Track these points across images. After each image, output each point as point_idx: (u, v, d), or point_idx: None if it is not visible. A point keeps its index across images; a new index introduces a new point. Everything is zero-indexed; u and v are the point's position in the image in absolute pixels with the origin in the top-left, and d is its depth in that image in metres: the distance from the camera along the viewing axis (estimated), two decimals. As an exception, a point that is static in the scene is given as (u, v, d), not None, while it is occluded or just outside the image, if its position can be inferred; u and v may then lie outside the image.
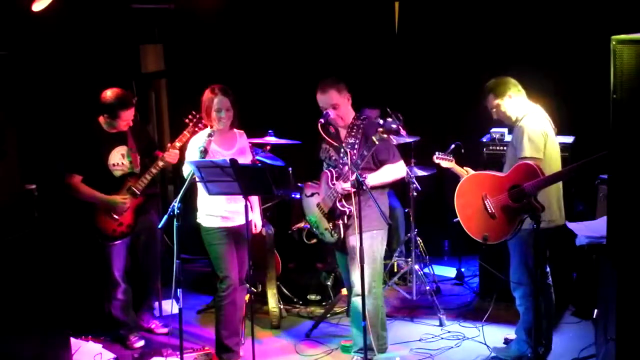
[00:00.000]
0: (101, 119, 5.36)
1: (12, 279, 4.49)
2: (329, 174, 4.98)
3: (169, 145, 5.31)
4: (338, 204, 4.91)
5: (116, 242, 5.41)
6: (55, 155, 6.00)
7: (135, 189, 5.36)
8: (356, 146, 4.90)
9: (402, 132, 5.17)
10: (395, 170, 4.98)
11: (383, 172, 4.93)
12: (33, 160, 5.74)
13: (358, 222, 4.63)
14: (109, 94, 5.26)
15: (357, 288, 4.89)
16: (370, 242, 4.89)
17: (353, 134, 4.96)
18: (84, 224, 5.41)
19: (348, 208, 4.88)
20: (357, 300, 4.92)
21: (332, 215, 4.98)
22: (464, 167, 5.36)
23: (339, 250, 5.18)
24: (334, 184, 4.92)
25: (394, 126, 4.56)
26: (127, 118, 5.31)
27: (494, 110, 4.99)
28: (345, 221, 4.93)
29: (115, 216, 5.35)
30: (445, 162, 5.54)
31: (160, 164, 5.32)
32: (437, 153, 5.59)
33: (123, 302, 5.54)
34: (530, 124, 4.82)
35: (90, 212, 5.37)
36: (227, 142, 5.16)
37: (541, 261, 4.87)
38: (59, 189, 5.54)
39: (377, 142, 4.64)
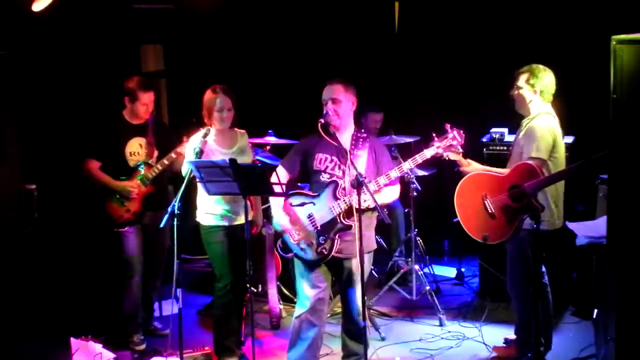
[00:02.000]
0: (125, 112, 5.47)
1: (12, 279, 4.50)
2: (339, 183, 4.69)
3: (184, 138, 5.33)
4: (342, 218, 4.66)
5: (123, 230, 5.44)
6: (55, 155, 6.02)
7: (145, 177, 5.42)
8: (365, 161, 4.76)
9: (461, 151, 4.84)
10: (394, 192, 4.84)
11: (386, 192, 4.76)
12: (33, 161, 5.75)
13: (358, 232, 4.49)
14: (130, 79, 5.43)
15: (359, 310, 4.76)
16: (369, 262, 4.91)
17: (360, 146, 4.78)
18: (94, 211, 5.49)
19: (352, 222, 4.63)
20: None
21: (328, 229, 4.72)
22: (467, 159, 5.27)
23: (314, 263, 4.82)
24: (342, 195, 4.67)
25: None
26: (146, 101, 5.41)
27: (516, 90, 4.93)
28: (340, 237, 4.69)
29: (123, 202, 5.41)
30: (453, 154, 5.40)
31: (173, 155, 5.35)
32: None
33: (136, 297, 5.55)
34: (542, 124, 4.80)
35: (100, 198, 5.44)
36: (227, 142, 5.16)
37: (539, 262, 4.87)
38: (59, 189, 5.56)
39: (397, 174, 4.64)
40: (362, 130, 4.89)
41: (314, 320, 4.84)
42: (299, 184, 5.15)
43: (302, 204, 4.76)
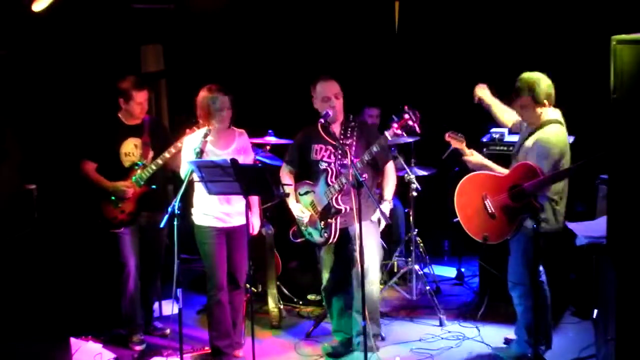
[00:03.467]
0: (120, 113, 5.46)
1: (12, 279, 4.50)
2: (329, 171, 5.02)
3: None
4: (334, 202, 4.96)
5: (119, 231, 5.43)
6: (56, 154, 6.01)
7: (139, 177, 5.41)
8: (353, 148, 4.98)
9: (417, 130, 4.93)
10: (393, 170, 5.19)
11: (390, 179, 5.12)
12: (33, 160, 5.75)
13: (358, 224, 4.62)
14: (123, 80, 5.44)
15: (371, 276, 5.02)
16: (375, 230, 5.06)
17: (349, 135, 5.06)
18: (90, 212, 5.49)
19: (344, 206, 4.95)
20: (370, 289, 5.01)
21: (325, 213, 5.03)
22: (470, 149, 5.23)
23: (325, 248, 5.20)
24: (333, 182, 4.96)
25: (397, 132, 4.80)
26: (140, 100, 5.41)
27: (524, 110, 4.84)
28: (338, 220, 5.00)
29: (118, 203, 5.40)
30: (456, 141, 5.31)
31: (167, 155, 5.34)
32: (449, 131, 5.30)
33: (134, 298, 5.55)
34: (552, 138, 4.75)
35: (96, 199, 5.45)
36: (224, 142, 5.14)
37: (540, 261, 4.87)
38: (59, 189, 5.55)
39: (378, 149, 4.83)
40: (350, 117, 5.13)
41: (338, 295, 5.28)
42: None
43: (306, 193, 5.14)
